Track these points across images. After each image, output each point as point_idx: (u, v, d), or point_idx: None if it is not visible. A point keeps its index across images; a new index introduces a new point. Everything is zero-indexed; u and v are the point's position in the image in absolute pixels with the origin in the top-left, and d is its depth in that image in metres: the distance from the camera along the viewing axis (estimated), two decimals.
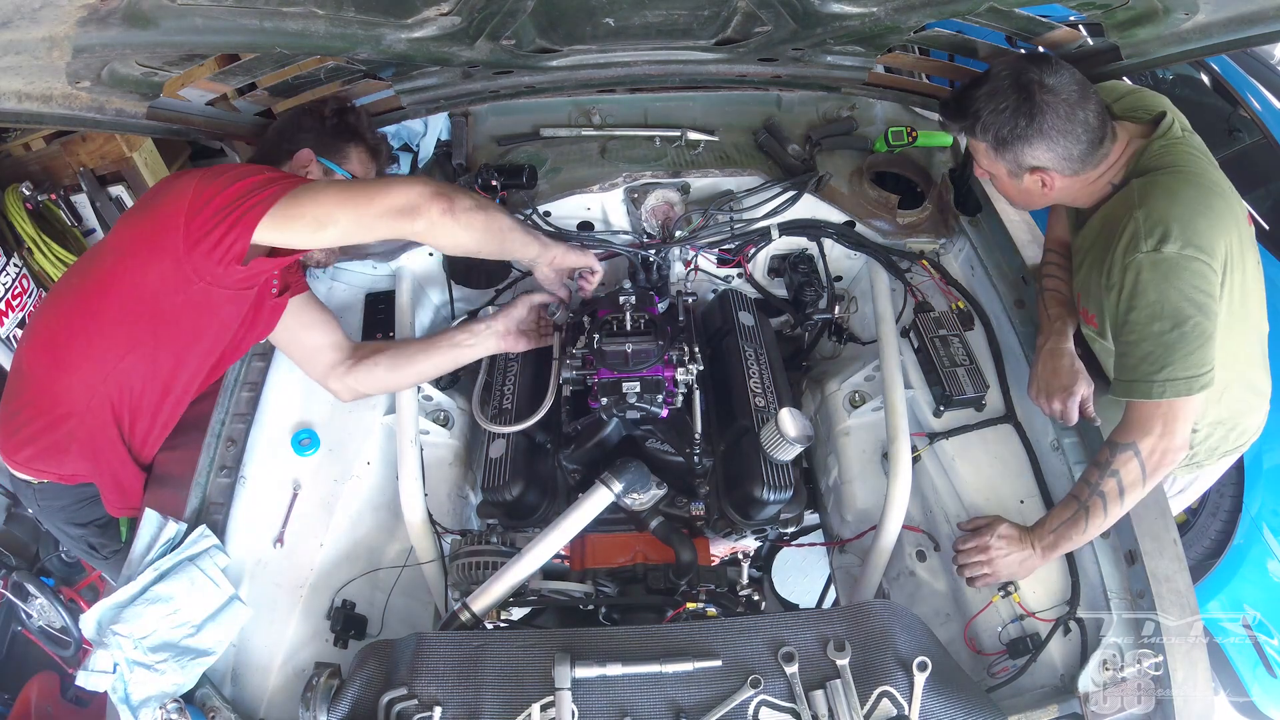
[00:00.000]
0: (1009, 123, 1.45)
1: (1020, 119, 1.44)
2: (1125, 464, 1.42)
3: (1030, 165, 1.49)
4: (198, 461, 1.61)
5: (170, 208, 1.39)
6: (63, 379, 1.51)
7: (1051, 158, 1.47)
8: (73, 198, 3.21)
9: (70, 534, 1.80)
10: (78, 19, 1.06)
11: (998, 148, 1.49)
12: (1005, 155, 1.50)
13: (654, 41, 1.70)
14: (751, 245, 2.03)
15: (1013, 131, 1.45)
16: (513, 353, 1.88)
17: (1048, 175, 1.50)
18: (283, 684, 1.55)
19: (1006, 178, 1.56)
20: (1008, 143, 1.47)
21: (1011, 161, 1.50)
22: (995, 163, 1.54)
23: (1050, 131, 1.44)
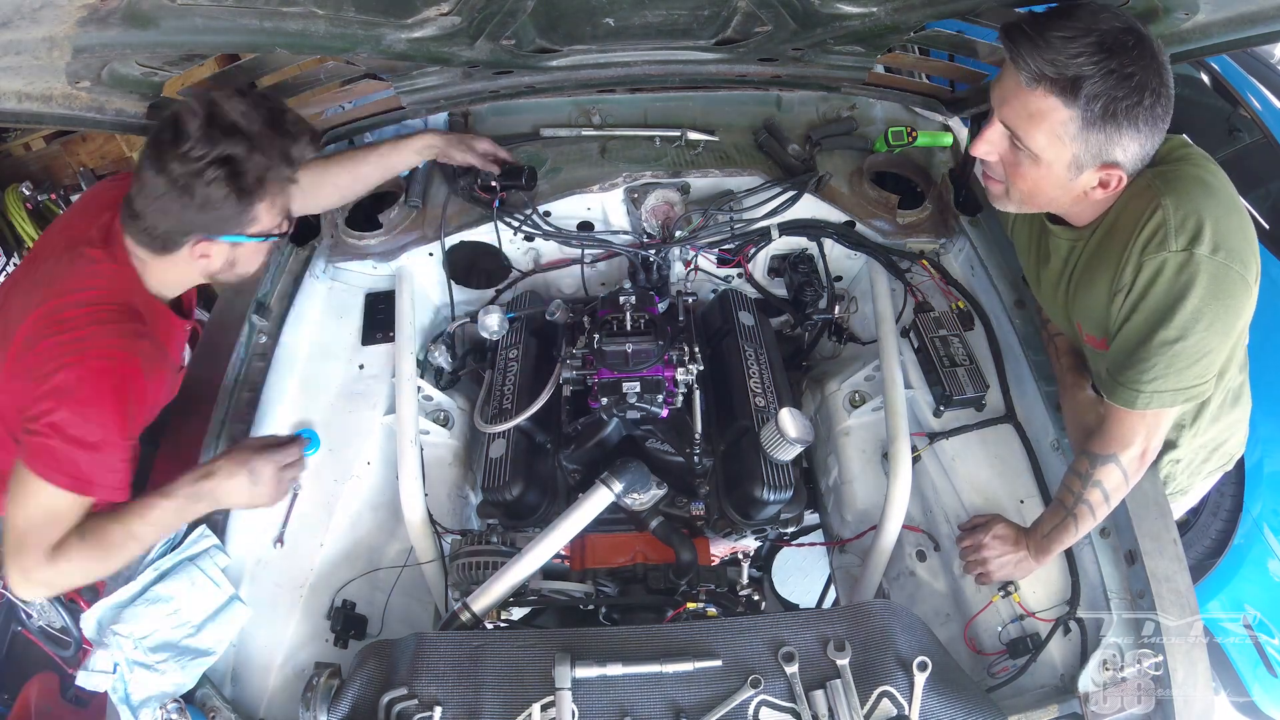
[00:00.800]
0: (1133, 94, 1.10)
1: (1148, 95, 1.10)
2: (1108, 475, 1.37)
3: (1111, 159, 1.17)
4: (198, 461, 1.61)
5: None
6: None
7: (1137, 155, 1.17)
8: (73, 198, 3.22)
9: None
10: (78, 19, 1.06)
11: (1095, 124, 1.12)
12: (1096, 135, 1.14)
13: (654, 41, 1.70)
14: (751, 245, 2.03)
15: (1131, 109, 1.10)
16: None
17: (1118, 175, 1.19)
18: (283, 684, 1.55)
19: (1063, 168, 1.20)
20: (1113, 121, 1.11)
21: (1095, 147, 1.15)
22: (1067, 144, 1.16)
23: (1159, 121, 1.13)
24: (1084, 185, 1.22)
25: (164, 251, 1.38)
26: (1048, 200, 1.30)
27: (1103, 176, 1.21)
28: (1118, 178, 1.21)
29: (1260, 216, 2.94)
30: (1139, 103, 1.11)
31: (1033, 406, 1.72)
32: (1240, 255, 1.18)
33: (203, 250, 1.39)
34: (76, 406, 1.27)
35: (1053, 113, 1.14)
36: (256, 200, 1.36)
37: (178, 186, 1.29)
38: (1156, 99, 1.13)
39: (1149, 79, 1.11)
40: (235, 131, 1.30)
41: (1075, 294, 1.42)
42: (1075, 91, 1.11)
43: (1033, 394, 1.72)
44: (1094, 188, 1.23)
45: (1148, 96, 1.11)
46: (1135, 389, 1.28)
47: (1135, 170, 1.22)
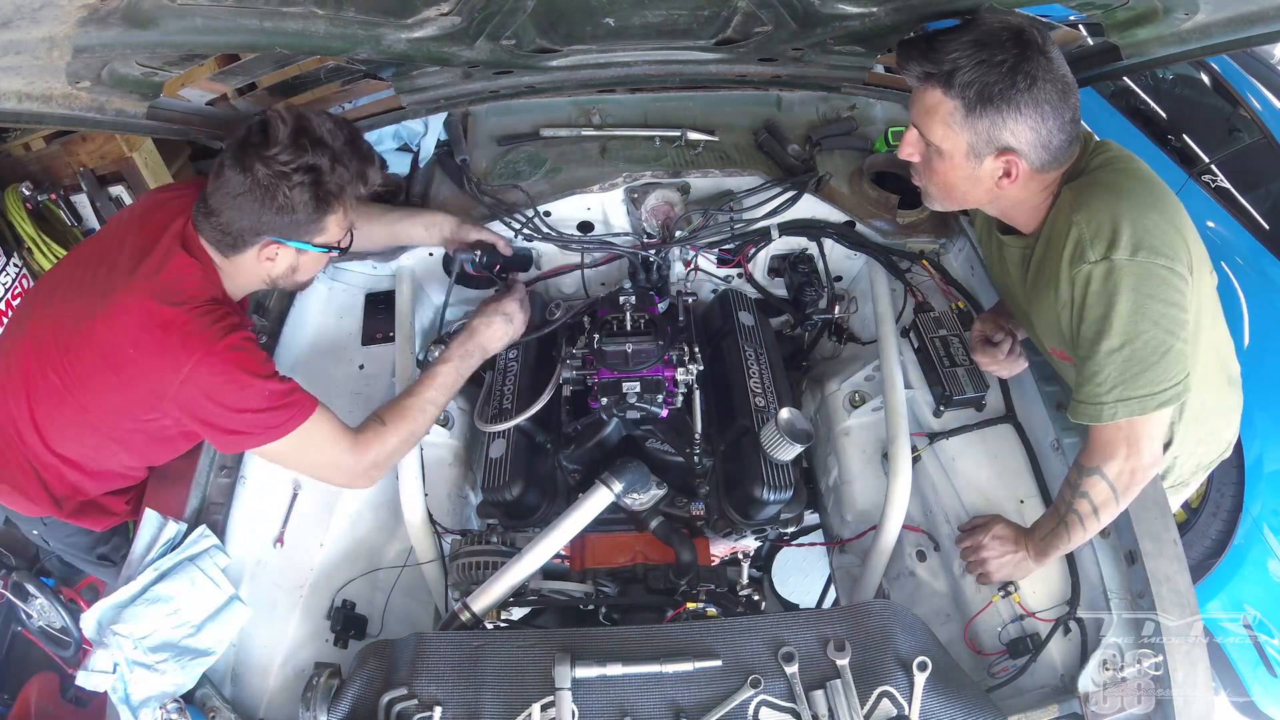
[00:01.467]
0: (1003, 79, 1.18)
1: (1019, 79, 1.18)
2: (1094, 487, 1.35)
3: (1004, 144, 1.24)
4: (198, 461, 1.61)
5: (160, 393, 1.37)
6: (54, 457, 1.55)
7: (1030, 140, 1.23)
8: (73, 198, 3.22)
9: (79, 545, 1.78)
10: (78, 19, 1.06)
11: (976, 108, 1.21)
12: (980, 121, 1.22)
13: (654, 41, 1.70)
14: (751, 245, 2.03)
15: (1004, 92, 1.19)
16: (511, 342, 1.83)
17: (1017, 162, 1.26)
18: (283, 684, 1.55)
19: (962, 157, 1.28)
20: (990, 104, 1.20)
21: (984, 133, 1.23)
22: (958, 133, 1.25)
23: (1044, 105, 1.20)
24: (989, 174, 1.29)
25: (233, 251, 1.45)
26: (963, 194, 1.36)
27: (1003, 164, 1.27)
28: (1018, 165, 1.26)
29: (1260, 216, 2.94)
30: (1013, 86, 1.19)
31: (1033, 406, 1.72)
32: (1164, 250, 1.22)
33: (270, 253, 1.46)
34: (228, 389, 1.36)
35: (940, 105, 1.25)
36: (330, 212, 1.45)
37: (260, 187, 1.36)
38: (1033, 84, 1.19)
39: (1023, 65, 1.18)
40: (321, 145, 1.38)
41: (1032, 306, 1.45)
42: (951, 81, 1.22)
43: (1033, 394, 1.72)
44: (1000, 177, 1.29)
45: (1022, 80, 1.18)
46: (1098, 403, 1.29)
47: (1042, 160, 1.26)
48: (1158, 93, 3.64)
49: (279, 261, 1.49)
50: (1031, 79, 1.19)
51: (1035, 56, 1.19)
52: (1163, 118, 3.51)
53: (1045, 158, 1.26)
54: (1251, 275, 2.88)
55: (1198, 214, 3.00)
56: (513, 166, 1.98)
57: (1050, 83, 1.20)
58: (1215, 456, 1.73)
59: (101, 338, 1.38)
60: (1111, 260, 1.21)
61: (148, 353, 1.35)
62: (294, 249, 1.47)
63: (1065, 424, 1.62)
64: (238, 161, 1.37)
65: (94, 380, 1.42)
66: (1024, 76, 1.19)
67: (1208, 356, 1.46)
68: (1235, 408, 1.65)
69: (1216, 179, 3.13)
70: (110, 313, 1.37)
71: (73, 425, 1.49)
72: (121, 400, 1.43)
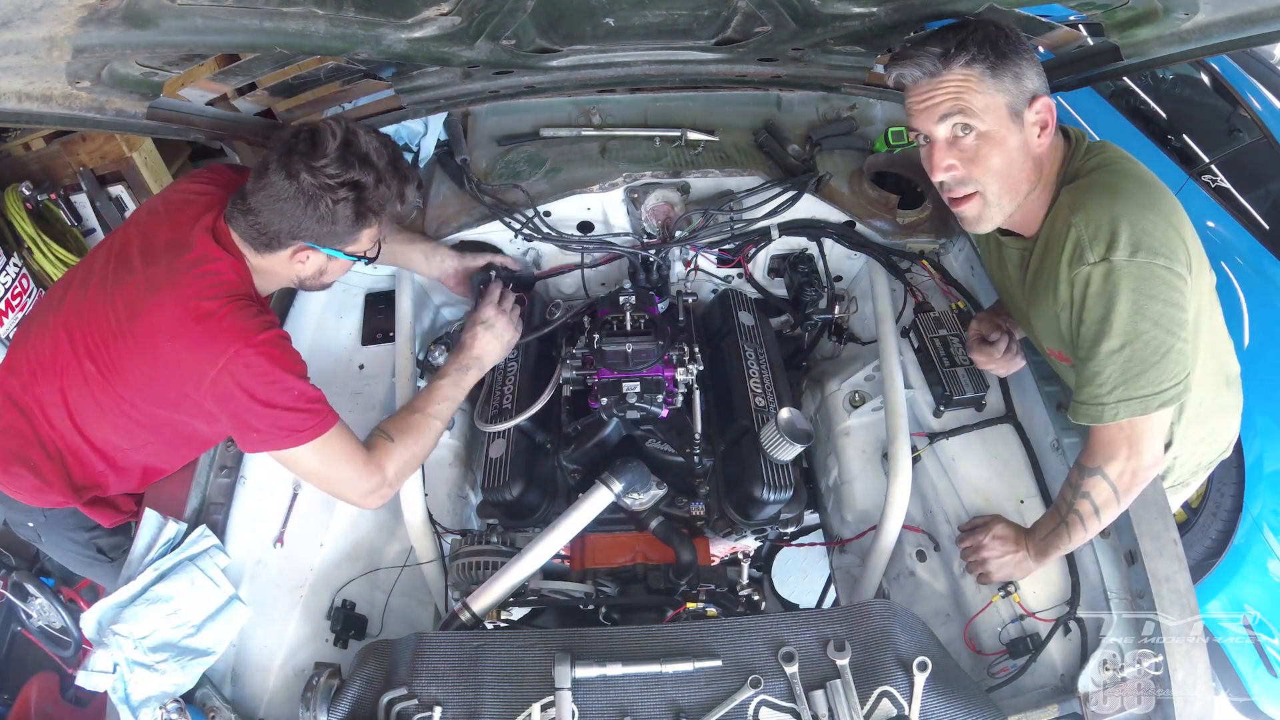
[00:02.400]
0: (1004, 36, 1.25)
1: (1012, 37, 1.27)
2: (1095, 487, 1.36)
3: (1032, 89, 1.27)
4: (198, 461, 1.61)
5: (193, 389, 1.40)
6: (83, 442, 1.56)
7: (1042, 84, 1.29)
8: (73, 197, 3.22)
9: (77, 540, 1.78)
10: (78, 19, 1.06)
11: (997, 65, 1.24)
12: (1005, 76, 1.25)
13: (654, 41, 1.70)
14: (751, 245, 2.03)
15: (1007, 39, 1.25)
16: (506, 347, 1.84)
17: (1048, 105, 1.29)
18: (283, 684, 1.55)
19: (1006, 124, 1.28)
20: (1007, 57, 1.24)
21: (1013, 84, 1.25)
22: (993, 95, 1.26)
23: (1035, 58, 1.29)
24: (1031, 134, 1.30)
25: (267, 250, 1.49)
26: (1018, 173, 1.33)
27: (1037, 111, 1.29)
28: (1049, 108, 1.30)
29: (1260, 216, 2.94)
30: (1006, 37, 1.26)
31: (1033, 406, 1.72)
32: (1162, 250, 1.22)
33: (302, 257, 1.51)
34: (260, 382, 1.39)
35: (965, 78, 1.26)
36: (367, 226, 1.50)
37: (305, 195, 1.41)
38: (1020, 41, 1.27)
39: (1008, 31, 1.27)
40: (368, 162, 1.43)
41: (1031, 307, 1.46)
42: (964, 49, 1.25)
43: (1033, 394, 1.72)
44: (1040, 132, 1.31)
45: (1014, 37, 1.27)
46: (1099, 404, 1.29)
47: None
48: (1158, 93, 3.64)
49: (309, 265, 1.53)
50: (1018, 39, 1.27)
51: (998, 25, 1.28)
52: (1163, 118, 3.51)
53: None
54: (1251, 275, 2.88)
55: (1198, 214, 3.01)
56: (513, 166, 1.98)
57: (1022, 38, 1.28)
58: (1215, 456, 1.73)
59: (142, 329, 1.42)
60: (1110, 261, 1.22)
61: (187, 344, 1.38)
62: (324, 255, 1.52)
63: (1065, 424, 1.62)
64: (284, 167, 1.40)
65: (133, 370, 1.45)
66: (1014, 36, 1.27)
67: (1205, 357, 1.46)
68: (1235, 407, 1.65)
69: (1216, 179, 3.13)
70: (150, 305, 1.41)
71: (109, 413, 1.51)
72: (159, 390, 1.45)
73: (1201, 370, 1.45)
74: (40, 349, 1.55)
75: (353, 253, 1.55)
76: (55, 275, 3.10)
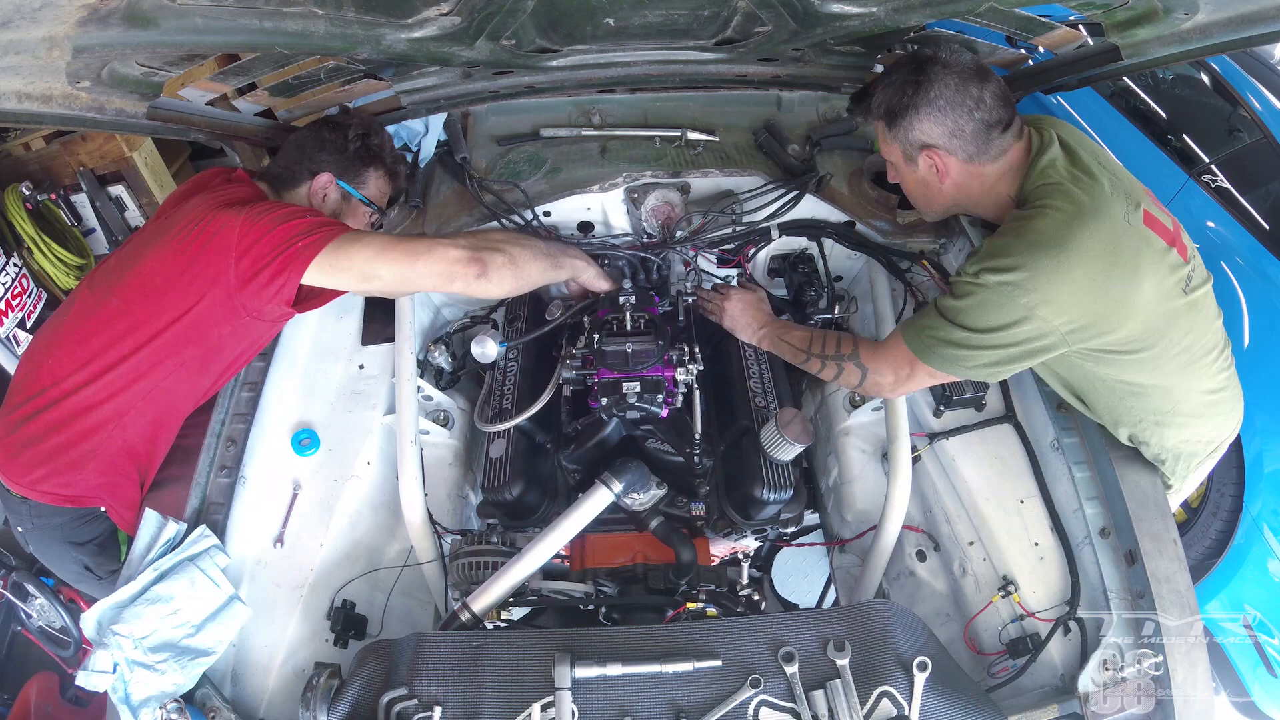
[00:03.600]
0: (897, 94, 1.45)
1: (908, 88, 1.43)
2: (849, 370, 1.59)
3: (920, 142, 1.47)
4: (198, 461, 1.61)
5: (218, 244, 1.47)
6: (95, 396, 1.54)
7: (941, 133, 1.44)
8: (73, 197, 3.22)
9: (66, 554, 1.75)
10: (78, 19, 1.06)
11: (890, 123, 1.48)
12: (896, 131, 1.48)
13: (654, 41, 1.70)
14: (751, 245, 2.03)
15: (900, 101, 1.44)
16: None
17: (940, 157, 1.47)
18: (283, 684, 1.55)
19: (903, 163, 1.54)
20: (896, 115, 1.46)
21: (903, 138, 1.49)
22: (891, 144, 1.52)
23: (938, 101, 1.42)
24: (927, 173, 1.52)
25: (287, 187, 1.72)
26: (926, 198, 1.60)
27: (934, 160, 1.49)
28: (943, 158, 1.48)
29: (1260, 216, 2.94)
30: (903, 94, 1.45)
31: (1033, 406, 1.72)
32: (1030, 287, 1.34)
33: (320, 187, 1.72)
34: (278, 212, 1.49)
35: (878, 130, 1.56)
36: (372, 165, 1.77)
37: (323, 131, 1.73)
38: (919, 87, 1.43)
39: (913, 76, 1.44)
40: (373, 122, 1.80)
41: None
42: (870, 109, 1.55)
43: (1033, 394, 1.72)
44: (934, 173, 1.51)
45: (909, 88, 1.44)
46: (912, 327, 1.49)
47: (966, 150, 1.46)
48: (1158, 93, 3.64)
49: (328, 201, 1.72)
50: (917, 84, 1.43)
51: (926, 66, 1.43)
52: (1163, 118, 3.51)
53: (966, 147, 1.46)
54: (1251, 275, 2.88)
55: (1198, 214, 3.01)
56: (513, 166, 1.98)
57: (940, 81, 1.42)
58: (1204, 456, 1.70)
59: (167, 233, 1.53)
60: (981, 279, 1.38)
61: (212, 221, 1.49)
62: (341, 190, 1.73)
63: (1065, 424, 1.62)
64: (310, 125, 1.75)
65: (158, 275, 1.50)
66: (911, 85, 1.43)
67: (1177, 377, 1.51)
68: (1223, 413, 1.63)
69: (1216, 179, 3.12)
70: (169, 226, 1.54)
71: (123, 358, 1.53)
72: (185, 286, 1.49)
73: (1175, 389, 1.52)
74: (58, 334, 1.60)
75: (364, 195, 1.76)
76: (55, 275, 3.10)
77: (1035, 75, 1.72)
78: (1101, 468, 1.56)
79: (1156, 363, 1.46)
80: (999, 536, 1.65)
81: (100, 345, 1.53)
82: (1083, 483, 1.58)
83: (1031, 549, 1.62)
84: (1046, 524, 1.62)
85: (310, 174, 1.70)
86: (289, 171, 1.71)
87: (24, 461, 1.58)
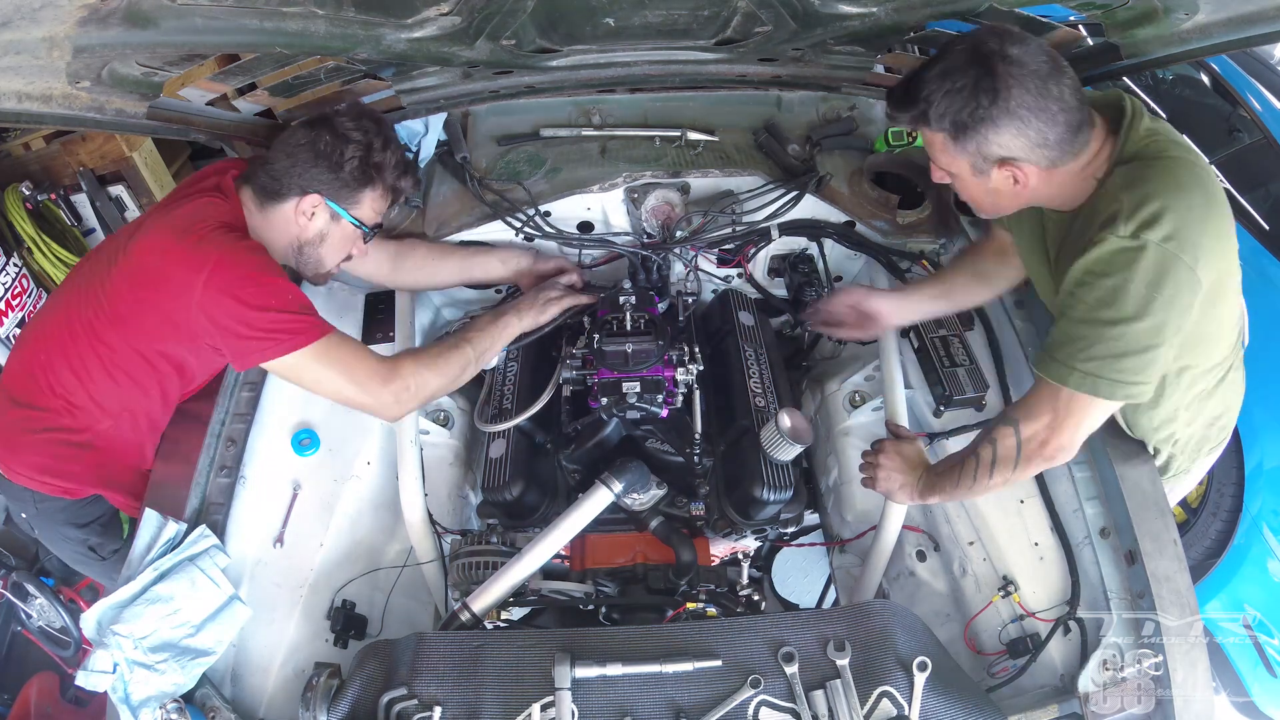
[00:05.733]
0: (968, 103, 1.21)
1: (982, 97, 1.20)
2: (1003, 436, 1.35)
3: (998, 156, 1.26)
4: (198, 461, 1.61)
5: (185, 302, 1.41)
6: (89, 395, 1.58)
7: (1023, 145, 1.24)
8: (73, 197, 3.22)
9: (69, 536, 1.78)
10: (78, 19, 1.06)
11: (957, 136, 1.25)
12: (967, 146, 1.26)
13: (654, 41, 1.70)
14: (751, 245, 2.03)
15: (974, 114, 1.21)
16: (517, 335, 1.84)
17: (1020, 169, 1.27)
18: (283, 684, 1.55)
19: (971, 176, 1.32)
20: (968, 129, 1.23)
21: (974, 153, 1.27)
22: (956, 158, 1.30)
23: (1019, 111, 1.20)
24: (1000, 183, 1.31)
25: (274, 199, 1.56)
26: (994, 204, 1.39)
27: (1009, 173, 1.29)
28: (1022, 170, 1.28)
29: (1260, 217, 2.94)
30: (978, 106, 1.21)
31: None
32: (1192, 247, 1.19)
33: (307, 209, 1.56)
34: (249, 285, 1.39)
35: (933, 140, 1.32)
36: (369, 185, 1.59)
37: (319, 141, 1.53)
38: (996, 96, 1.20)
39: (983, 82, 1.20)
40: (380, 125, 1.59)
41: (1056, 275, 1.43)
42: (928, 119, 1.27)
43: None
44: (1012, 184, 1.31)
45: (984, 98, 1.20)
46: (1068, 365, 1.26)
47: (1049, 157, 1.26)
48: (1158, 93, 3.63)
49: (314, 222, 1.57)
50: (994, 93, 1.20)
51: (996, 67, 1.20)
52: (1162, 118, 3.51)
53: (1050, 154, 1.25)
54: (1251, 275, 2.85)
55: None
56: (513, 166, 1.98)
57: (1019, 85, 1.19)
58: (1216, 442, 1.68)
59: (134, 255, 1.46)
60: (1142, 239, 1.19)
61: (173, 259, 1.41)
62: (330, 211, 1.57)
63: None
64: (308, 122, 1.56)
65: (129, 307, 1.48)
66: (986, 94, 1.20)
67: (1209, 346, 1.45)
68: (1236, 393, 1.63)
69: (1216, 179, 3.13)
70: (142, 237, 1.47)
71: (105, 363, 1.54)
72: (155, 321, 1.48)
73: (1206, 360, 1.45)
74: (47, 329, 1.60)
75: (356, 217, 1.60)
76: (55, 275, 3.10)
77: None
78: (1101, 468, 1.56)
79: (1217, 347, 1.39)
80: (999, 536, 1.65)
81: (89, 348, 1.54)
82: (1083, 483, 1.58)
83: (1031, 549, 1.62)
84: (1046, 524, 1.62)
85: (300, 191, 1.54)
86: (277, 184, 1.55)
87: (22, 453, 1.62)
